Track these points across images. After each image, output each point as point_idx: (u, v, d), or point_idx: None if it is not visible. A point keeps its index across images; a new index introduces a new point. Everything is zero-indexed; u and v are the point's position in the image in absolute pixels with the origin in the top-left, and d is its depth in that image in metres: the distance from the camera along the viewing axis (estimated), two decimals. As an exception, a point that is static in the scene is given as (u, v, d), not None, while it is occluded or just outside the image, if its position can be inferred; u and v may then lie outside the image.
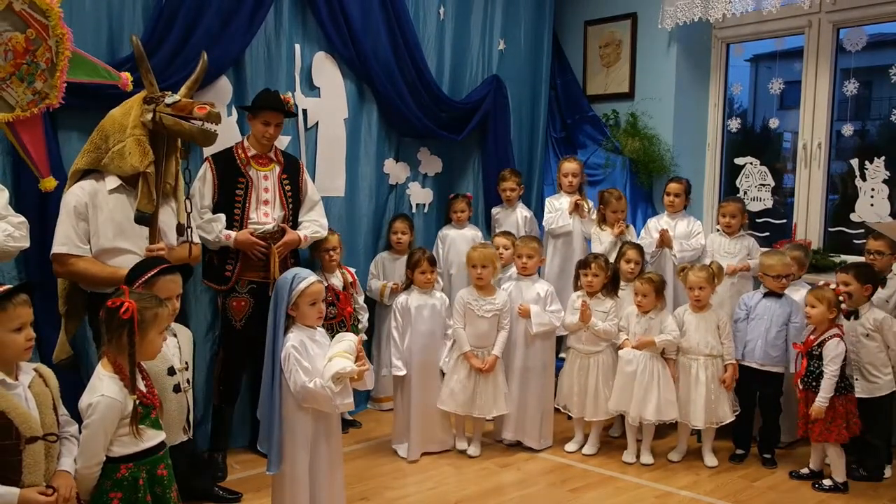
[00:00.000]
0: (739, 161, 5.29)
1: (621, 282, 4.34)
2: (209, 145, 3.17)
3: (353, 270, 4.55)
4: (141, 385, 2.42)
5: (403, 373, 4.09)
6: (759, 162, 5.21)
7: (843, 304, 3.77)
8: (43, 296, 3.40)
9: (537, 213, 5.22)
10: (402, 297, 4.19)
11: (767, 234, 5.16)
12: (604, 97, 5.69)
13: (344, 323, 4.32)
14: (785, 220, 5.16)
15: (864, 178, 4.70)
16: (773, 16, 4.87)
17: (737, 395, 4.13)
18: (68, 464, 2.31)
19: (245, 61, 4.16)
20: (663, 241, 4.67)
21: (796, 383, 3.88)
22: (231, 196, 3.85)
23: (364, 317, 4.58)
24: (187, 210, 3.25)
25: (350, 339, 2.92)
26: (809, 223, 4.95)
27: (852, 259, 4.64)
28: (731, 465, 4.13)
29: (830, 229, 4.93)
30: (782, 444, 4.26)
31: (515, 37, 5.49)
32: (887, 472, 3.91)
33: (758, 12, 4.85)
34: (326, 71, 4.56)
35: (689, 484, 3.87)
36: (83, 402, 2.33)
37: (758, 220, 5.18)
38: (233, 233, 3.79)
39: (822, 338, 3.78)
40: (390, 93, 4.75)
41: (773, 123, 5.22)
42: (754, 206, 5.18)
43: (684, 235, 4.76)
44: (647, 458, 4.12)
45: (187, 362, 2.98)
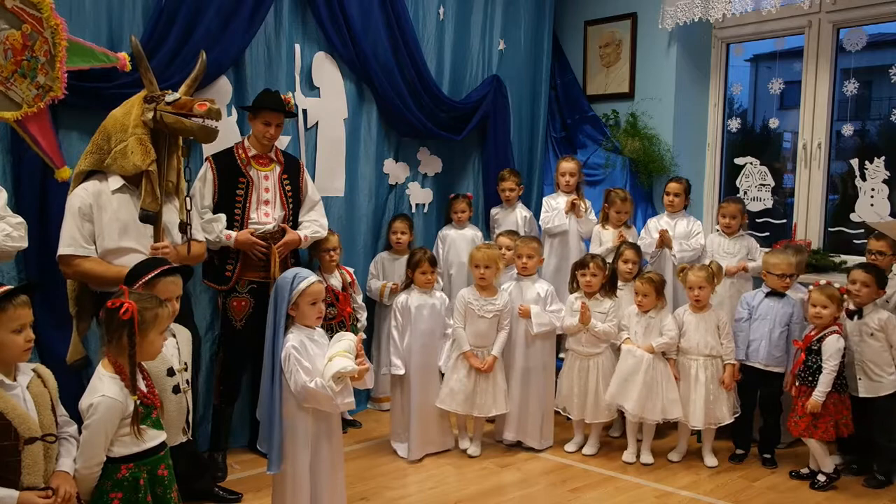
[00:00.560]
0: (739, 161, 5.28)
1: (619, 282, 4.34)
2: (210, 141, 3.19)
3: (352, 270, 4.55)
4: (142, 385, 2.43)
5: (402, 372, 4.09)
6: (759, 162, 5.21)
7: (848, 303, 3.78)
8: (43, 296, 3.42)
9: (537, 214, 5.22)
10: (402, 297, 4.19)
11: (767, 234, 5.16)
12: (604, 97, 5.69)
13: (343, 323, 4.33)
14: (785, 220, 5.16)
15: (864, 178, 4.70)
16: (773, 16, 4.87)
17: (738, 396, 4.14)
18: (67, 464, 2.31)
19: (245, 61, 4.16)
20: (663, 241, 4.67)
21: (792, 378, 3.90)
22: (231, 196, 3.85)
23: (363, 316, 4.59)
24: (187, 208, 3.26)
25: (350, 338, 2.92)
26: (809, 223, 4.95)
27: (852, 259, 4.65)
28: (731, 465, 4.13)
29: (830, 229, 4.93)
30: (782, 444, 4.26)
31: (515, 37, 5.49)
32: None
33: (758, 12, 4.85)
34: (326, 71, 4.56)
35: (689, 484, 3.87)
36: (83, 402, 2.33)
37: (758, 220, 5.18)
38: (233, 233, 3.79)
39: (822, 334, 3.79)
40: (390, 93, 4.75)
41: (773, 123, 5.22)
42: (754, 206, 5.17)
43: (684, 235, 4.75)
44: (647, 458, 4.12)
45: (186, 363, 2.98)
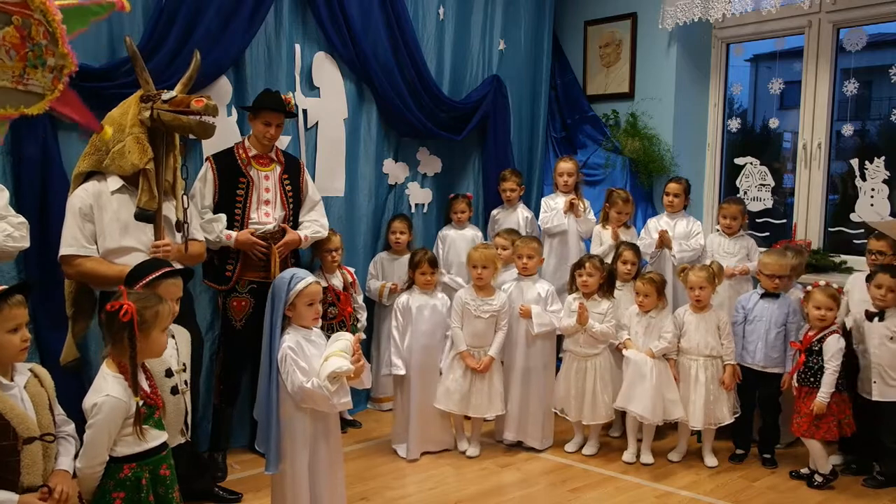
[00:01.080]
0: (739, 161, 5.28)
1: (618, 282, 4.34)
2: (208, 137, 3.21)
3: (353, 270, 4.55)
4: (145, 385, 2.44)
5: (403, 372, 4.09)
6: (759, 162, 5.21)
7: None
8: (44, 297, 3.42)
9: (537, 214, 5.21)
10: (403, 297, 4.19)
11: (767, 234, 5.16)
12: (604, 97, 5.69)
13: (344, 322, 4.33)
14: (785, 220, 5.16)
15: (864, 178, 4.70)
16: (773, 16, 4.87)
17: (738, 396, 4.14)
18: (66, 463, 2.31)
19: (245, 61, 4.16)
20: (662, 241, 4.67)
21: (791, 379, 3.90)
22: (232, 196, 3.85)
23: (363, 316, 4.59)
24: (184, 206, 3.27)
25: (347, 338, 2.92)
26: (809, 223, 4.95)
27: (852, 259, 4.66)
28: (731, 465, 4.13)
29: (830, 229, 4.93)
30: (781, 444, 4.26)
31: (515, 37, 5.49)
32: None
33: (758, 12, 4.85)
34: (326, 71, 4.56)
35: (689, 484, 3.87)
36: (87, 401, 2.33)
37: (758, 220, 5.18)
38: (233, 233, 3.79)
39: (821, 334, 3.79)
40: (390, 93, 4.75)
41: (773, 123, 5.22)
42: (754, 206, 5.17)
43: (684, 235, 4.75)
44: (647, 458, 4.12)
45: (185, 364, 2.98)
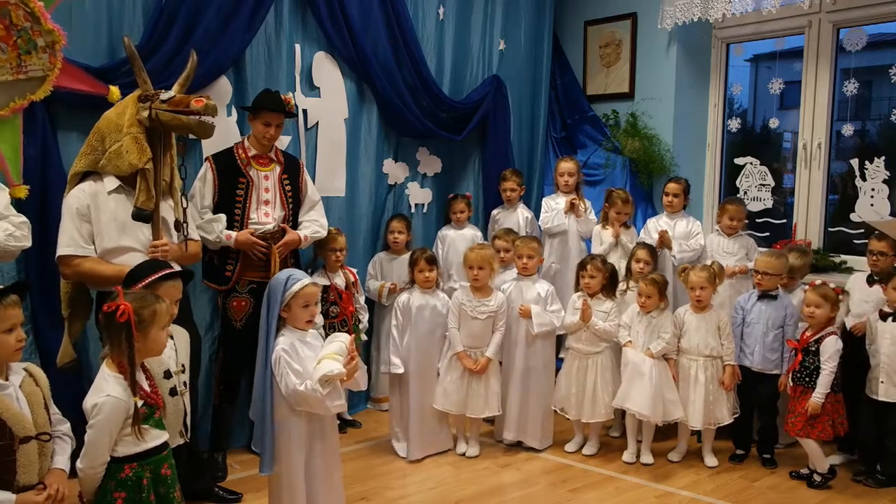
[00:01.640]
0: (739, 161, 5.28)
1: (631, 282, 4.34)
2: (208, 137, 3.21)
3: (355, 271, 4.55)
4: (145, 385, 2.44)
5: (401, 371, 4.09)
6: (759, 162, 5.21)
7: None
8: (43, 297, 3.42)
9: (538, 214, 5.21)
10: (403, 296, 4.19)
11: (767, 234, 5.16)
12: (604, 97, 5.69)
13: (346, 322, 4.33)
14: (785, 220, 5.16)
15: (864, 178, 4.70)
16: (773, 16, 4.87)
17: (737, 396, 4.13)
18: (62, 462, 2.33)
19: (245, 61, 4.16)
20: (662, 241, 4.67)
21: (786, 378, 3.90)
22: (232, 196, 3.85)
23: (365, 317, 4.59)
24: (182, 206, 3.27)
25: (342, 339, 2.90)
26: (809, 223, 4.95)
27: (853, 259, 4.65)
28: (731, 465, 4.13)
29: (830, 229, 4.93)
30: (781, 444, 4.26)
31: (515, 37, 5.49)
32: None
33: (758, 12, 4.85)
34: (327, 71, 4.56)
35: (689, 484, 3.87)
36: (88, 402, 2.33)
37: (758, 220, 5.19)
38: (233, 233, 3.79)
39: (819, 335, 3.79)
40: (390, 93, 4.75)
41: (773, 123, 5.22)
42: (754, 206, 5.17)
43: (684, 236, 4.76)
44: (647, 458, 4.12)
45: (184, 364, 2.98)
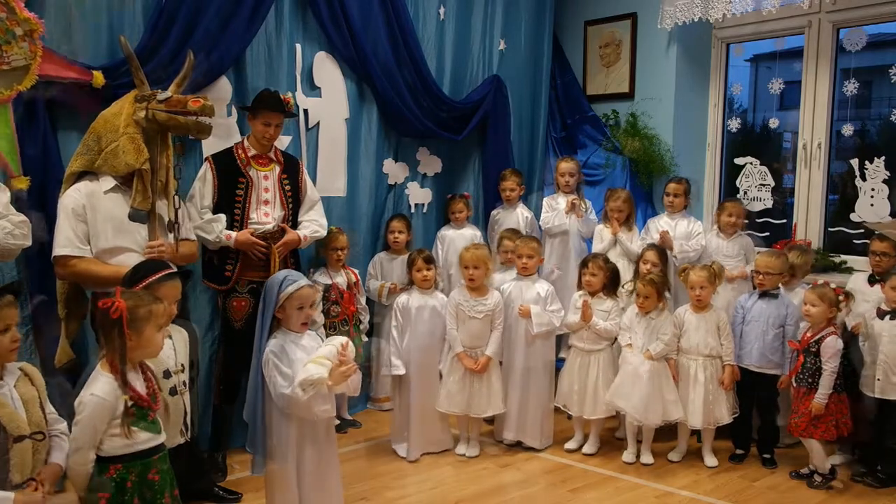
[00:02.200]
0: (739, 161, 5.28)
1: (638, 283, 4.35)
2: (205, 137, 3.23)
3: (357, 271, 4.55)
4: (137, 386, 2.42)
5: (402, 372, 4.09)
6: (759, 162, 5.21)
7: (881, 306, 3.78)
8: (43, 297, 3.41)
9: (538, 214, 5.22)
10: (402, 297, 4.19)
11: (767, 234, 5.16)
12: (604, 97, 5.69)
13: (347, 322, 4.32)
14: (785, 220, 5.16)
15: (864, 178, 4.70)
16: (773, 16, 4.87)
17: (737, 396, 4.13)
18: (59, 457, 2.34)
19: (245, 61, 4.15)
20: (664, 242, 4.67)
21: (789, 380, 3.90)
22: (231, 196, 3.84)
23: (366, 318, 4.59)
24: (175, 206, 3.28)
25: (336, 342, 2.86)
26: (809, 223, 4.95)
27: (852, 259, 4.65)
28: (731, 465, 4.13)
29: (830, 229, 4.93)
30: (786, 444, 4.25)
31: (515, 37, 5.49)
32: None
33: (758, 12, 4.85)
34: (327, 71, 4.56)
35: (689, 484, 3.87)
36: (77, 399, 2.35)
37: (758, 220, 5.18)
38: (233, 233, 3.79)
39: (819, 335, 3.79)
40: (390, 93, 4.75)
41: (773, 123, 5.22)
42: (754, 206, 5.17)
43: (685, 236, 4.76)
44: (647, 458, 4.12)
45: (182, 364, 2.99)
